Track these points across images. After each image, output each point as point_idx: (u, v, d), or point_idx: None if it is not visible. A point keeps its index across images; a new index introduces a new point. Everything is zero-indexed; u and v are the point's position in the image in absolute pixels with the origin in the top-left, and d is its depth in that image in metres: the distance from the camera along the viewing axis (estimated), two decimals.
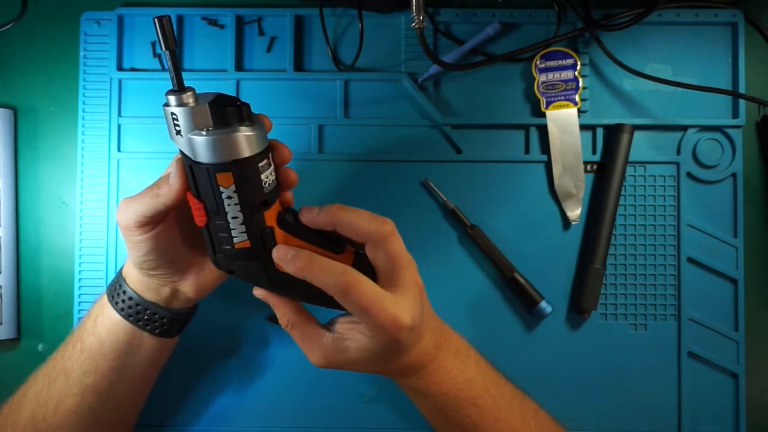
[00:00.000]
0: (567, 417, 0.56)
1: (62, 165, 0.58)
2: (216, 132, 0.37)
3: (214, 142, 0.37)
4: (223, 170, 0.38)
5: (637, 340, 0.56)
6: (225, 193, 0.38)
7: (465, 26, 0.57)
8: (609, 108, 0.57)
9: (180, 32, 0.57)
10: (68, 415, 0.45)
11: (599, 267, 0.55)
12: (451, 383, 0.45)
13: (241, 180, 0.38)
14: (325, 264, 0.40)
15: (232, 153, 0.38)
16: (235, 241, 0.40)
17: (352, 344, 0.42)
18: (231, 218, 0.39)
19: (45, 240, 0.58)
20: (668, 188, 0.56)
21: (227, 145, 0.37)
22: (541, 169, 0.57)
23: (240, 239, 0.40)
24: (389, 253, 0.41)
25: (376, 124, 0.57)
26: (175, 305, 0.46)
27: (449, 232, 0.57)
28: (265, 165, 0.40)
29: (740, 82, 0.56)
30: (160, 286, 0.45)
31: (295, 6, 0.57)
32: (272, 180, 0.41)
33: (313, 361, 0.44)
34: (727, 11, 0.56)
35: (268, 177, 0.40)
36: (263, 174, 0.39)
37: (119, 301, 0.45)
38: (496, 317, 0.56)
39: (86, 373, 0.45)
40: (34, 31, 0.58)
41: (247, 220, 0.40)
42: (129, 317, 0.45)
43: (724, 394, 0.56)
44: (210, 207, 0.40)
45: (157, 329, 0.46)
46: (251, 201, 0.39)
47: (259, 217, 0.40)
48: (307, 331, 0.44)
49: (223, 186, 0.38)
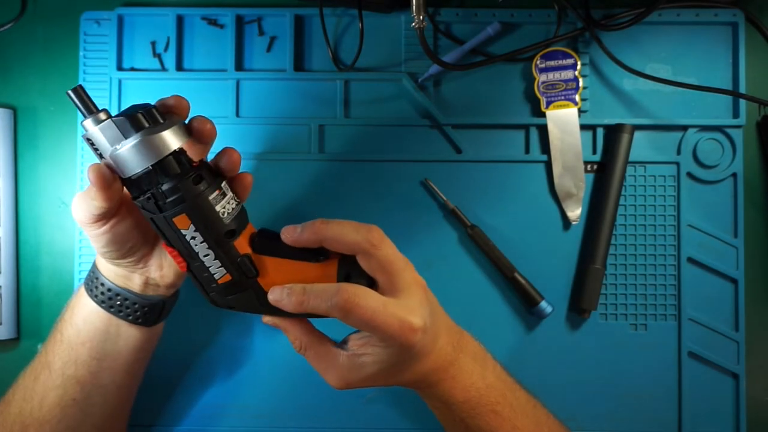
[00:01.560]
0: (567, 417, 0.55)
1: (62, 165, 0.58)
2: (136, 135, 0.37)
3: (139, 145, 0.37)
4: (177, 213, 0.38)
5: (637, 340, 0.56)
6: (188, 235, 0.39)
7: (465, 26, 0.57)
8: (609, 108, 0.57)
9: (180, 32, 0.57)
10: (53, 408, 0.45)
11: (599, 267, 0.55)
12: (473, 389, 0.44)
13: (196, 218, 0.39)
14: (319, 291, 0.39)
15: (159, 150, 0.38)
16: (216, 277, 0.41)
17: (368, 359, 0.41)
18: (203, 257, 0.40)
19: (45, 240, 0.58)
20: (668, 188, 0.56)
21: (151, 143, 0.37)
22: (541, 169, 0.57)
23: (220, 274, 0.41)
24: (383, 260, 0.40)
25: (376, 124, 0.57)
26: (149, 292, 0.46)
27: (449, 232, 0.57)
28: (218, 196, 0.40)
29: (740, 81, 0.56)
30: (130, 273, 0.45)
31: (295, 6, 0.57)
32: (232, 208, 0.41)
33: (332, 383, 0.43)
34: (728, 11, 0.56)
35: (225, 207, 0.40)
36: (218, 206, 0.40)
37: (93, 288, 0.45)
38: (496, 317, 0.56)
39: (66, 363, 0.45)
40: (34, 31, 0.58)
41: (219, 255, 0.40)
42: (103, 304, 0.45)
43: (724, 394, 0.56)
44: (183, 252, 0.40)
45: (131, 316, 0.46)
46: (215, 235, 0.40)
47: (229, 248, 0.40)
48: (321, 352, 0.43)
49: (183, 228, 0.39)
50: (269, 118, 0.57)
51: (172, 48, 0.57)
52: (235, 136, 0.57)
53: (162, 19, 0.57)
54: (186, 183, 0.38)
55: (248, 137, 0.57)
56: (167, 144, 0.38)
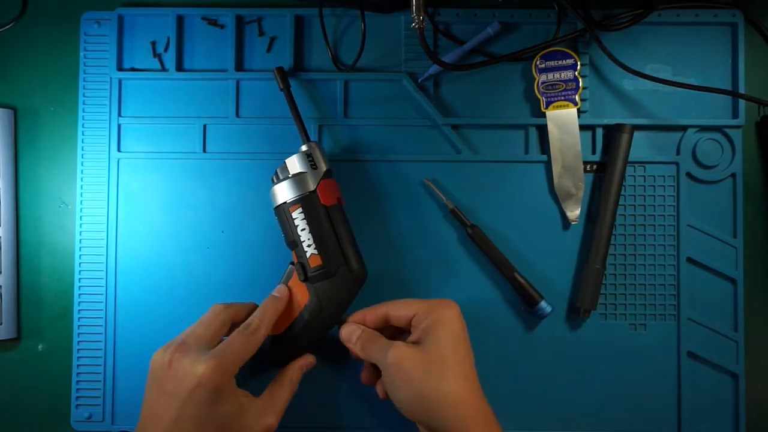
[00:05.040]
0: (567, 417, 0.56)
1: (62, 165, 0.58)
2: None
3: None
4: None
5: (636, 340, 0.56)
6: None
7: (465, 26, 0.58)
8: (609, 108, 0.57)
9: (180, 32, 0.57)
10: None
11: (599, 267, 0.55)
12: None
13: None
14: (377, 347, 0.47)
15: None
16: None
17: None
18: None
19: (45, 240, 0.58)
20: (668, 188, 0.56)
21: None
22: (540, 169, 0.57)
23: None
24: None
25: (376, 124, 0.57)
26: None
27: (449, 232, 0.57)
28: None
29: (740, 82, 0.56)
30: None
31: (295, 6, 0.57)
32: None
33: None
34: (727, 11, 0.56)
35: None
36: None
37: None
38: (496, 317, 0.56)
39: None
40: (34, 31, 0.58)
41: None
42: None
43: (724, 394, 0.56)
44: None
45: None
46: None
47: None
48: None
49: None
50: (269, 118, 0.57)
51: (172, 48, 0.57)
52: (235, 136, 0.57)
53: (162, 19, 0.57)
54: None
55: (248, 137, 0.57)
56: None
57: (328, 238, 0.49)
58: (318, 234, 0.49)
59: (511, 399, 0.56)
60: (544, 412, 0.56)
